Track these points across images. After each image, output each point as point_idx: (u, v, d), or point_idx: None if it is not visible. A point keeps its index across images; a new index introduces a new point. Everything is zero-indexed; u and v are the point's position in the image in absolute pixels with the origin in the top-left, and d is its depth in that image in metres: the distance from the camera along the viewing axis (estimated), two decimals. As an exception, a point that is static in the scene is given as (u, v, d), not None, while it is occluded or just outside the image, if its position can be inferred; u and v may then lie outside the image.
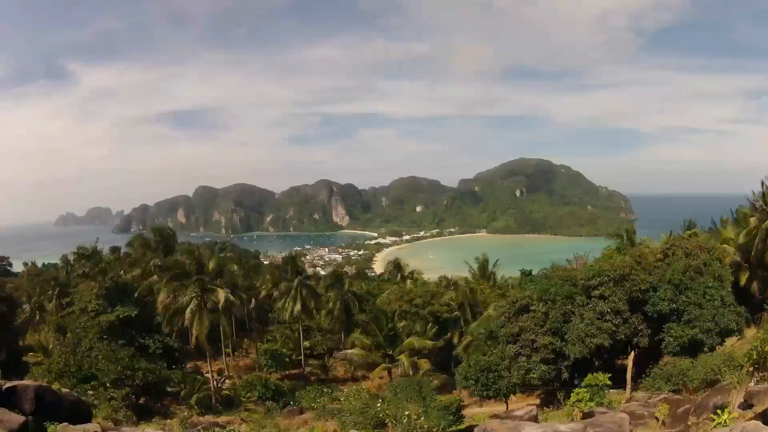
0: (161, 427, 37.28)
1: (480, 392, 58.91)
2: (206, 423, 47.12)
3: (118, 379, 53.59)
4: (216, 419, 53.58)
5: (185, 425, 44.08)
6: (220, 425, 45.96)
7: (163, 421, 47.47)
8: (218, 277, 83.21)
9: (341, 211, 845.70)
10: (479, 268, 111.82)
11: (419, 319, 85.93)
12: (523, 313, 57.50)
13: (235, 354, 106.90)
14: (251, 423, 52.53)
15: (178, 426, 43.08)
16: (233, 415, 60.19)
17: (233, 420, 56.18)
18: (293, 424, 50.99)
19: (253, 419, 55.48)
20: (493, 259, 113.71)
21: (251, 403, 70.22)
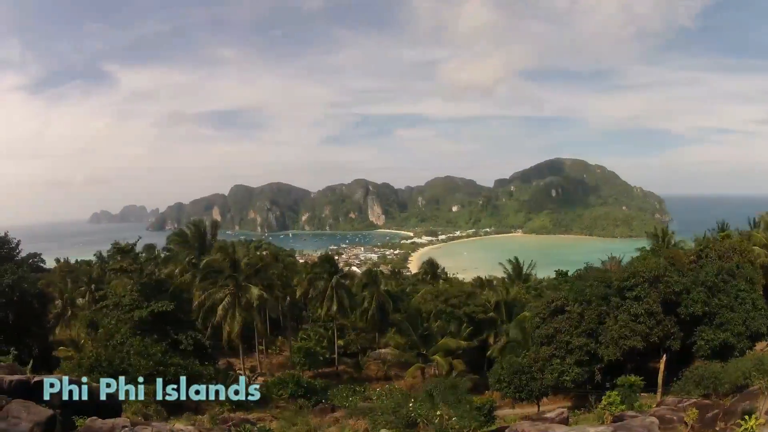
0: (191, 422, 37.13)
1: (512, 394, 58.61)
2: (237, 419, 46.96)
3: (150, 374, 53.58)
4: (247, 416, 53.38)
5: (216, 421, 44.03)
6: (250, 422, 45.78)
7: (194, 416, 47.32)
8: (253, 274, 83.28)
9: (377, 210, 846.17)
10: (514, 268, 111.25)
11: (454, 319, 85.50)
12: (558, 315, 57.08)
13: (269, 351, 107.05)
14: (282, 420, 52.40)
15: (208, 422, 43.04)
16: (264, 412, 60.04)
17: (264, 417, 56.00)
18: (324, 422, 50.78)
19: (284, 416, 55.28)
20: (528, 260, 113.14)
21: (283, 401, 70.01)
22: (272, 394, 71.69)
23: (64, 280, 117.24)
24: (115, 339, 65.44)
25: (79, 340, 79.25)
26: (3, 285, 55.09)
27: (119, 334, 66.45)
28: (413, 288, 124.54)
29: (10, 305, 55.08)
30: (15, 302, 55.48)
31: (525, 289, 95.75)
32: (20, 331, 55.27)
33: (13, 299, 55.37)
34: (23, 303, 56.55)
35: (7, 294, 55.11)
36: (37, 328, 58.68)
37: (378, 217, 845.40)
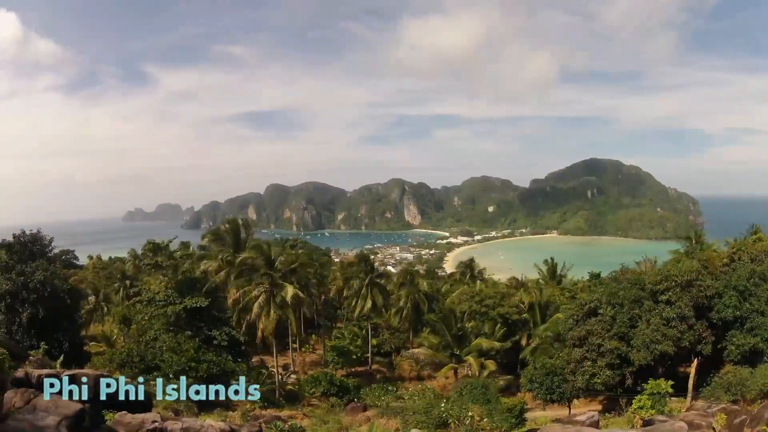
0: (222, 418, 37.22)
1: (544, 396, 58.35)
2: (268, 416, 47.09)
3: (182, 370, 53.80)
4: (278, 413, 53.62)
5: (247, 418, 44.13)
6: (282, 419, 45.90)
7: (225, 412, 47.51)
8: (288, 273, 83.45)
9: (413, 210, 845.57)
10: (549, 269, 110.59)
11: (488, 319, 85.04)
12: (591, 317, 56.65)
13: (302, 349, 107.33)
14: (313, 418, 52.46)
15: (239, 418, 43.16)
16: (296, 410, 60.17)
17: (295, 414, 56.19)
18: (356, 421, 50.82)
19: (315, 414, 55.42)
20: (562, 261, 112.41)
21: (315, 399, 70.26)
22: (305, 392, 71.94)
23: (97, 276, 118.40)
24: (147, 335, 65.94)
25: (111, 336, 79.98)
26: (34, 281, 55.53)
27: (152, 330, 66.91)
28: (448, 288, 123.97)
29: (41, 301, 55.53)
30: (46, 298, 55.92)
31: (559, 291, 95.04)
32: (51, 326, 55.70)
33: (44, 295, 55.81)
34: (54, 299, 56.94)
35: (38, 290, 55.54)
36: (68, 323, 59.04)
37: (414, 217, 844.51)
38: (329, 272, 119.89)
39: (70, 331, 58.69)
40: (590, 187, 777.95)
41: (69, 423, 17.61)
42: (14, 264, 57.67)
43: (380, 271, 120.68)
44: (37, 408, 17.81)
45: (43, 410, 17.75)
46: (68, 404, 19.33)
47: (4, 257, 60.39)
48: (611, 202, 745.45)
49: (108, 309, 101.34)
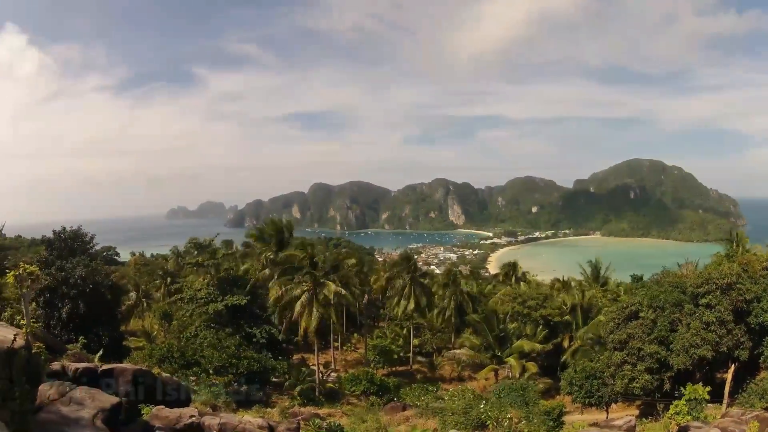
0: (261, 415, 37.35)
1: (582, 399, 57.99)
2: (307, 414, 47.26)
3: (222, 367, 54.17)
4: (317, 411, 53.72)
5: (285, 415, 44.25)
6: (320, 417, 45.99)
7: (263, 409, 47.72)
8: (331, 271, 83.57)
9: (457, 210, 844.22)
10: (592, 271, 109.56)
11: (530, 321, 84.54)
12: (632, 320, 56.03)
13: (344, 348, 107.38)
14: (352, 416, 52.42)
15: (277, 415, 43.27)
16: (335, 408, 60.22)
17: (334, 412, 56.23)
18: (394, 420, 50.75)
19: (354, 413, 55.32)
20: (605, 262, 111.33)
21: (355, 397, 70.23)
22: (345, 390, 71.95)
23: (139, 273, 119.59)
24: (188, 331, 66.47)
25: (151, 332, 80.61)
26: (74, 277, 56.13)
27: (193, 327, 67.39)
28: (491, 289, 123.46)
29: (81, 296, 56.13)
30: (86, 293, 56.50)
31: (601, 293, 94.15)
32: (91, 321, 56.26)
33: (84, 290, 56.39)
34: (95, 294, 57.55)
35: (78, 285, 56.14)
36: (108, 318, 59.66)
37: (458, 217, 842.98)
38: (373, 271, 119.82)
39: (109, 326, 59.29)
40: (633, 188, 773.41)
41: (105, 416, 17.69)
42: (54, 260, 58.32)
43: (423, 271, 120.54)
44: (73, 400, 17.91)
45: (79, 402, 17.85)
46: (105, 397, 19.44)
47: (43, 253, 61.14)
48: (654, 204, 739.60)
49: (149, 305, 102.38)
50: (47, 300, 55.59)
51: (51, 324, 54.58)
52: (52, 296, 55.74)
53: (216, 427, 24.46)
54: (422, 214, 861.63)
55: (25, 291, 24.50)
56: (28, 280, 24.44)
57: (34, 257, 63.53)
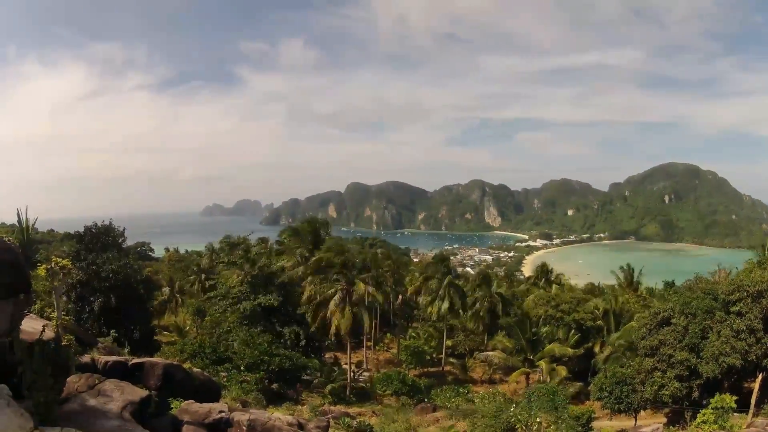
0: (290, 412, 37.50)
1: (612, 405, 57.60)
2: (337, 412, 47.41)
3: (254, 363, 54.39)
4: (347, 410, 53.84)
5: (315, 413, 44.41)
6: (350, 416, 46.13)
7: (294, 407, 47.89)
8: (365, 271, 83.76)
9: (493, 212, 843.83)
10: (625, 276, 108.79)
11: (563, 325, 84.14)
12: (664, 326, 55.49)
13: (376, 348, 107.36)
14: (382, 416, 52.51)
15: (307, 413, 43.43)
16: (365, 407, 60.30)
17: (364, 412, 56.31)
18: (424, 421, 50.79)
19: (384, 413, 55.42)
20: (639, 267, 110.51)
21: (386, 397, 70.31)
22: (376, 390, 72.01)
23: (173, 268, 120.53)
24: (221, 327, 66.82)
25: (183, 327, 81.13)
26: (106, 271, 56.62)
27: (226, 323, 67.76)
28: (525, 292, 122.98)
29: (112, 290, 56.58)
30: (118, 288, 56.96)
31: (634, 298, 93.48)
32: (123, 315, 56.70)
33: (116, 285, 56.87)
34: (127, 288, 58.00)
35: (109, 279, 56.62)
36: (140, 313, 60.09)
37: (494, 219, 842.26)
38: (408, 272, 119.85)
39: (141, 321, 59.70)
40: (667, 192, 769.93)
41: (133, 408, 17.79)
42: (85, 254, 58.85)
43: (458, 273, 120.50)
44: (101, 392, 18.03)
45: (107, 395, 17.98)
46: (134, 390, 19.56)
47: (75, 248, 61.78)
48: (688, 208, 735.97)
49: (182, 300, 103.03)
50: (78, 293, 56.08)
51: (82, 317, 55.03)
52: (83, 290, 56.21)
53: (245, 423, 24.56)
54: (458, 215, 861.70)
55: (56, 284, 24.82)
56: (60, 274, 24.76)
57: (66, 251, 64.06)
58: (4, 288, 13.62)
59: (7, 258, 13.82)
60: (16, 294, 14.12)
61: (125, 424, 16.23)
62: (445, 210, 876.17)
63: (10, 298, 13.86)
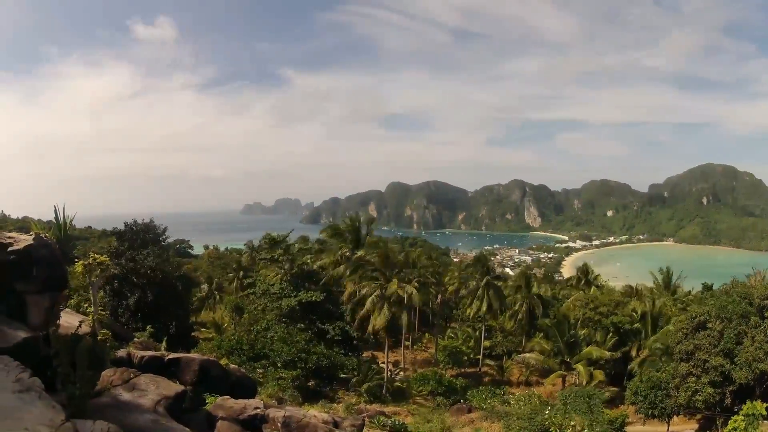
0: (326, 410, 37.64)
1: (646, 410, 57.27)
2: (372, 411, 47.43)
3: (291, 361, 54.62)
4: (383, 409, 53.88)
5: (350, 411, 44.53)
6: (386, 415, 46.14)
7: (329, 404, 48.06)
8: (405, 271, 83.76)
9: (533, 212, 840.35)
10: (663, 279, 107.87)
11: (601, 328, 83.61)
12: (700, 330, 54.91)
13: (414, 347, 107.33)
14: (417, 416, 52.54)
15: (343, 411, 43.54)
16: (401, 407, 60.34)
17: (400, 411, 56.41)
18: (459, 422, 50.73)
19: (420, 412, 55.47)
20: (677, 270, 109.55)
21: (422, 397, 70.30)
22: (412, 389, 72.01)
23: (212, 266, 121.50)
24: (259, 324, 67.08)
25: (221, 323, 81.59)
26: (145, 267, 57.13)
27: (264, 321, 68.06)
28: (564, 293, 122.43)
29: (150, 286, 57.10)
30: (156, 284, 57.45)
31: (672, 302, 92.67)
32: (160, 311, 57.13)
33: (154, 281, 57.36)
34: (165, 285, 58.49)
35: (148, 276, 57.13)
36: (178, 309, 60.56)
37: (534, 219, 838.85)
38: (447, 272, 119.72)
39: (179, 317, 60.17)
40: (705, 194, 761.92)
41: (168, 403, 17.94)
42: (124, 251, 59.43)
43: (498, 273, 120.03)
44: (136, 387, 18.21)
45: (142, 389, 18.15)
46: (169, 385, 19.72)
47: (114, 244, 62.44)
48: (725, 210, 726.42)
49: (221, 297, 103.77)
50: (116, 289, 56.66)
51: (119, 312, 55.61)
52: (120, 285, 56.81)
53: (280, 420, 24.69)
54: (498, 215, 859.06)
55: (93, 280, 25.12)
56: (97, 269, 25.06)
57: (103, 248, 64.76)
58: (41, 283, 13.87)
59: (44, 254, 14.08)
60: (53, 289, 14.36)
61: (159, 418, 16.40)
62: (485, 210, 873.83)
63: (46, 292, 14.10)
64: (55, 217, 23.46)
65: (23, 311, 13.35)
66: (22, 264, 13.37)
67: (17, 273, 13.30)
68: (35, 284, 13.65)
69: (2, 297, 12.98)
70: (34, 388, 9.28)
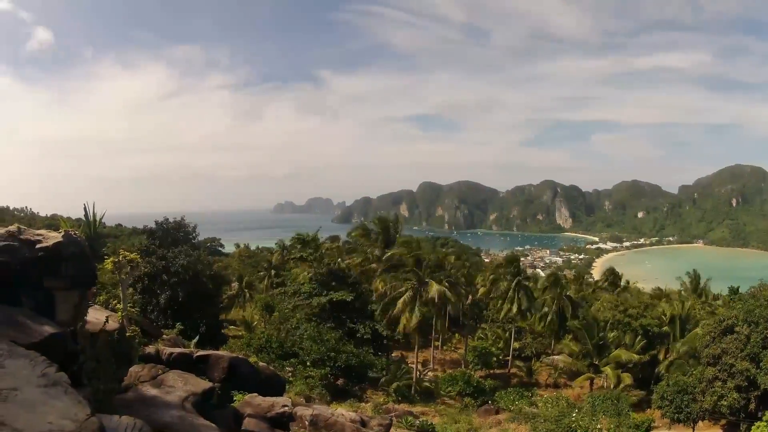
0: (354, 409, 37.72)
1: (671, 414, 56.95)
2: (400, 411, 47.48)
3: (320, 359, 54.74)
4: (411, 408, 53.89)
5: (378, 410, 44.58)
6: (413, 415, 46.17)
7: (357, 404, 48.12)
8: (436, 270, 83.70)
9: (565, 213, 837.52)
10: (692, 282, 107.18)
11: (630, 330, 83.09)
12: (728, 334, 54.42)
13: (444, 348, 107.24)
14: (445, 416, 52.54)
15: (371, 410, 43.60)
16: (429, 407, 60.33)
17: (428, 411, 56.41)
18: (486, 423, 50.70)
19: (447, 413, 55.46)
20: (705, 273, 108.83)
21: (450, 398, 70.21)
22: (441, 389, 71.93)
23: (242, 264, 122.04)
24: (289, 323, 67.25)
25: (251, 322, 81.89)
26: (176, 265, 57.40)
27: (294, 319, 68.22)
28: (594, 295, 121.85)
29: (180, 284, 57.31)
30: (187, 282, 57.67)
31: (700, 305, 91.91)
32: (189, 308, 57.34)
33: (184, 278, 57.60)
34: (195, 283, 58.68)
35: (178, 274, 57.38)
36: (208, 307, 60.75)
37: (565, 220, 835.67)
38: (478, 272, 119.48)
39: (209, 315, 60.39)
40: (734, 195, 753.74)
41: (195, 400, 18.08)
42: (155, 249, 59.77)
43: (528, 274, 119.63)
44: (164, 383, 18.39)
45: (169, 385, 18.32)
46: (197, 382, 19.90)
47: (144, 242, 62.85)
48: (754, 212, 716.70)
49: (251, 296, 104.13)
50: (145, 286, 56.98)
51: (148, 309, 55.89)
52: (150, 283, 57.11)
53: (308, 418, 24.83)
54: (530, 216, 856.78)
55: (123, 277, 25.38)
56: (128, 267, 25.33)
57: (134, 245, 65.16)
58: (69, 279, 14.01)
59: (73, 251, 14.22)
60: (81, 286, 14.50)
61: (186, 414, 16.53)
62: (516, 210, 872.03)
63: (74, 289, 14.25)
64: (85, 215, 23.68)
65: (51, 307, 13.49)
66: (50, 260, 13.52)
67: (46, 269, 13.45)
68: (64, 281, 13.80)
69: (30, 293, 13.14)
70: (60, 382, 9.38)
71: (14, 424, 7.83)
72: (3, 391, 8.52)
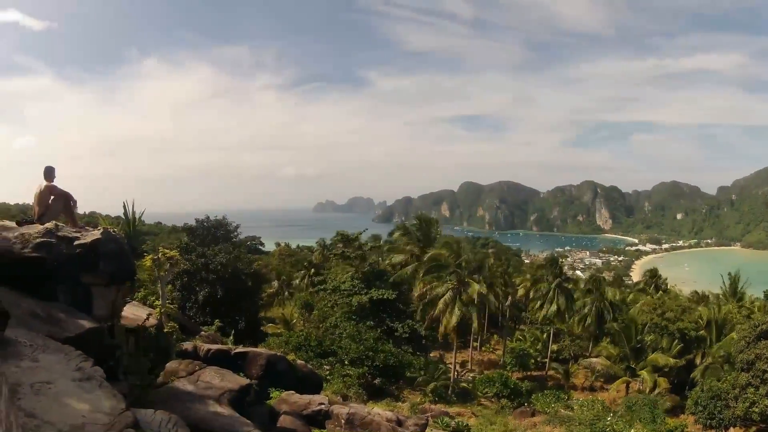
0: (390, 408, 37.81)
1: (704, 420, 56.36)
2: (436, 411, 47.42)
3: (358, 358, 54.78)
4: (447, 409, 53.81)
5: (415, 410, 44.61)
6: (449, 415, 46.11)
7: (394, 403, 48.18)
8: (476, 271, 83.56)
9: (605, 214, 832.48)
10: (730, 285, 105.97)
11: (667, 334, 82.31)
12: (762, 339, 53.70)
13: (482, 348, 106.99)
14: (481, 418, 52.40)
15: (407, 410, 43.66)
16: (465, 408, 60.18)
17: (464, 412, 56.24)
18: (522, 425, 50.44)
19: (483, 414, 55.29)
20: (743, 276, 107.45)
21: (486, 399, 69.97)
22: (477, 390, 71.73)
23: (283, 262, 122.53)
24: (328, 321, 67.44)
25: (290, 319, 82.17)
26: (215, 263, 57.83)
27: (333, 318, 68.37)
28: (632, 298, 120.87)
29: (220, 282, 57.77)
30: (226, 279, 58.09)
31: (737, 309, 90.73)
32: (228, 306, 57.74)
33: (224, 276, 58.03)
34: (235, 280, 59.09)
35: (218, 271, 57.81)
36: (247, 304, 61.11)
37: (605, 221, 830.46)
38: (518, 273, 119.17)
39: (248, 312, 60.74)
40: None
41: (232, 396, 18.21)
42: (195, 246, 60.25)
43: (568, 276, 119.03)
44: (201, 379, 18.54)
45: (207, 381, 18.48)
46: (235, 378, 20.04)
47: (184, 240, 63.39)
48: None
49: (290, 294, 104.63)
50: (185, 283, 57.47)
51: (187, 306, 56.39)
52: (190, 280, 57.60)
53: (344, 417, 24.96)
54: (570, 216, 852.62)
55: (162, 274, 25.67)
56: (167, 264, 25.61)
57: (173, 243, 65.72)
58: (107, 276, 14.22)
59: (112, 248, 14.43)
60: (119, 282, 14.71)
61: (221, 410, 16.66)
62: (557, 211, 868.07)
63: (112, 285, 14.44)
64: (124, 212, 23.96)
65: (89, 303, 13.71)
66: (88, 257, 13.72)
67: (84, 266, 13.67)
68: (102, 277, 14.01)
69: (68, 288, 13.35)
70: (95, 377, 9.51)
71: (45, 416, 7.96)
72: (36, 384, 8.66)
